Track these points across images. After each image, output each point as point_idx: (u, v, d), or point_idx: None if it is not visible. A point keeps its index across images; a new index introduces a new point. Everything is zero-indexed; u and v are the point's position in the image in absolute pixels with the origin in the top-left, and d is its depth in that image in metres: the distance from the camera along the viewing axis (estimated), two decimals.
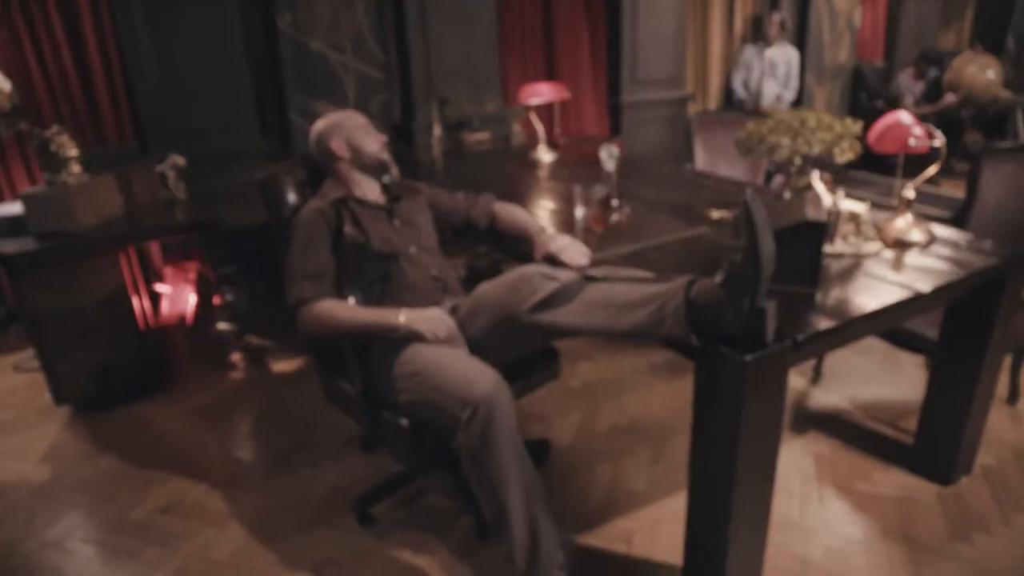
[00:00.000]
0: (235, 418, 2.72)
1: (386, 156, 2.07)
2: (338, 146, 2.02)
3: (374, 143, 2.06)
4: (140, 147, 3.46)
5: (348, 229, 1.93)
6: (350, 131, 2.04)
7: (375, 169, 2.07)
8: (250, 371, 3.06)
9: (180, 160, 2.97)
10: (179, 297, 2.84)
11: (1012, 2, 6.83)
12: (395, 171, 2.09)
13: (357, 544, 2.02)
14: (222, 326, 2.94)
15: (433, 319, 1.81)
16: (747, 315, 1.37)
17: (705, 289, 1.45)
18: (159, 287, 2.86)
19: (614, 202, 2.17)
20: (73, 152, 2.57)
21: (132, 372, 2.75)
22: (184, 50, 3.45)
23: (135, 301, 2.66)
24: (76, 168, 2.61)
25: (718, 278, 1.42)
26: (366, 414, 1.86)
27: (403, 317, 1.80)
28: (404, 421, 1.79)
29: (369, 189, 2.07)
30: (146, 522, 2.15)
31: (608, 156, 2.13)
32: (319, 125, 2.07)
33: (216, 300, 2.96)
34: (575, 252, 1.90)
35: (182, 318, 2.86)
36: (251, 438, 2.60)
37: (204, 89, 3.53)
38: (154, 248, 3.21)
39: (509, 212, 2.19)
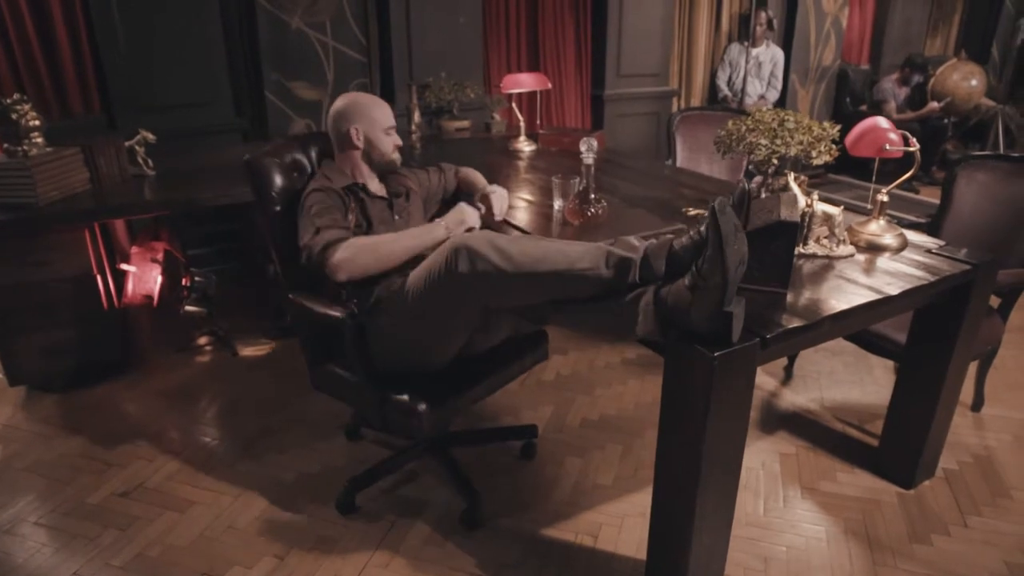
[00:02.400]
0: (201, 402, 2.68)
1: (397, 157, 2.08)
2: (355, 134, 2.00)
3: (390, 144, 2.05)
4: (108, 121, 3.37)
5: (354, 217, 1.92)
6: (371, 124, 2.01)
7: (382, 167, 2.08)
8: (217, 355, 3.01)
9: (150, 136, 2.89)
10: (146, 277, 2.77)
11: (999, 11, 6.91)
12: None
13: (322, 531, 2.00)
14: (190, 308, 2.88)
15: (468, 212, 2.01)
16: (714, 318, 1.37)
17: (674, 291, 1.45)
18: (125, 266, 2.78)
19: (592, 196, 2.15)
20: (36, 122, 2.49)
21: (94, 352, 2.68)
22: (156, 21, 3.35)
23: (99, 280, 2.59)
24: (39, 139, 2.52)
25: (686, 281, 1.41)
26: (371, 392, 1.82)
27: (444, 225, 1.95)
28: (412, 397, 1.76)
29: (371, 180, 2.07)
30: (104, 506, 2.10)
31: (587, 149, 2.11)
32: (341, 102, 2.03)
33: (185, 281, 2.90)
34: (499, 200, 2.14)
35: (148, 299, 2.79)
36: (217, 423, 2.55)
37: (177, 63, 3.45)
38: (120, 226, 3.14)
39: (469, 174, 2.37)
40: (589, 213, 2.14)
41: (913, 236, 2.07)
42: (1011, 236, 2.38)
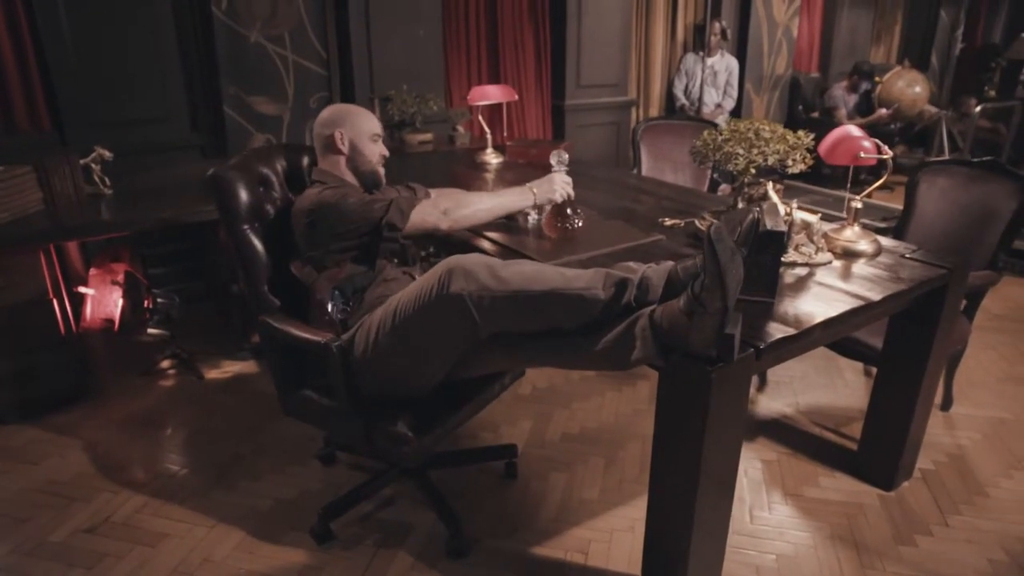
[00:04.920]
0: (167, 429, 2.56)
1: (381, 170, 2.03)
2: (339, 137, 1.95)
3: (375, 153, 2.00)
4: (59, 137, 3.23)
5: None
6: (357, 131, 1.97)
7: (365, 177, 2.02)
8: (182, 379, 2.90)
9: (106, 153, 2.77)
10: (105, 300, 2.65)
11: (935, 22, 7.21)
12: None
13: (305, 561, 1.92)
14: (152, 331, 2.77)
15: (558, 181, 2.06)
16: (716, 342, 1.35)
17: (668, 314, 1.42)
18: (84, 289, 2.66)
19: (568, 208, 2.13)
20: None
21: (52, 381, 2.55)
22: (108, 34, 3.24)
23: (56, 304, 2.47)
24: None
25: (681, 304, 1.39)
26: (355, 419, 1.75)
27: (533, 191, 2.03)
28: (400, 425, 1.69)
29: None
30: (68, 544, 1.99)
31: (558, 162, 2.11)
32: (330, 109, 2.00)
33: (147, 303, 2.78)
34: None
35: (109, 323, 2.67)
36: (185, 450, 2.45)
37: (131, 77, 3.34)
38: (73, 248, 3.00)
39: (452, 197, 2.18)
40: (567, 226, 2.12)
41: (886, 241, 2.11)
42: (973, 239, 2.45)
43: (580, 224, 2.14)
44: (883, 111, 5.93)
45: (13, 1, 3.05)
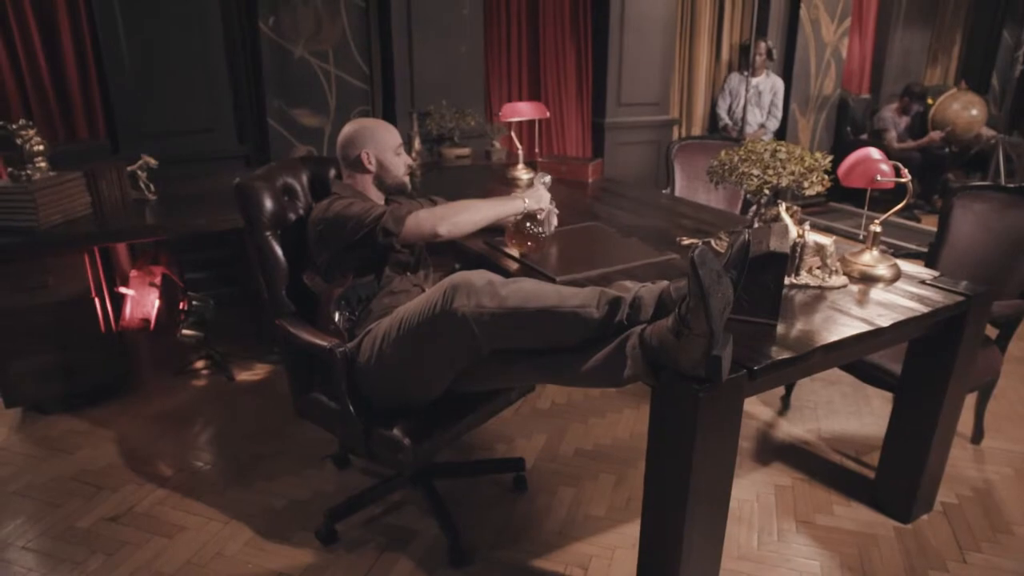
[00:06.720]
0: (194, 426, 2.67)
1: (407, 179, 2.10)
2: (366, 158, 2.02)
3: (401, 165, 2.07)
4: (112, 145, 3.42)
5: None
6: (382, 147, 2.04)
7: (393, 190, 2.09)
8: (213, 379, 3.01)
9: (152, 161, 2.92)
10: (143, 301, 2.79)
11: (997, 43, 6.97)
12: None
13: (310, 561, 1.98)
14: (186, 332, 2.89)
15: (544, 193, 2.12)
16: (704, 364, 1.35)
17: (657, 333, 1.44)
18: (123, 290, 2.80)
19: (536, 219, 2.12)
20: (40, 147, 2.52)
21: (90, 376, 2.69)
22: (163, 48, 3.42)
23: (97, 303, 2.60)
24: (43, 163, 2.56)
25: (669, 324, 1.40)
26: (356, 423, 1.79)
27: (524, 199, 2.06)
28: (397, 431, 1.74)
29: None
30: (93, 531, 2.09)
31: (541, 182, 2.20)
32: (348, 129, 2.05)
33: (182, 305, 2.91)
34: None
35: (145, 322, 2.81)
36: (209, 448, 2.54)
37: (182, 90, 3.51)
38: (122, 249, 3.17)
39: (450, 204, 2.19)
40: (538, 232, 2.11)
41: (907, 267, 2.06)
42: (1007, 266, 2.37)
43: (543, 237, 2.14)
44: (935, 133, 5.76)
45: (79, 22, 3.27)
